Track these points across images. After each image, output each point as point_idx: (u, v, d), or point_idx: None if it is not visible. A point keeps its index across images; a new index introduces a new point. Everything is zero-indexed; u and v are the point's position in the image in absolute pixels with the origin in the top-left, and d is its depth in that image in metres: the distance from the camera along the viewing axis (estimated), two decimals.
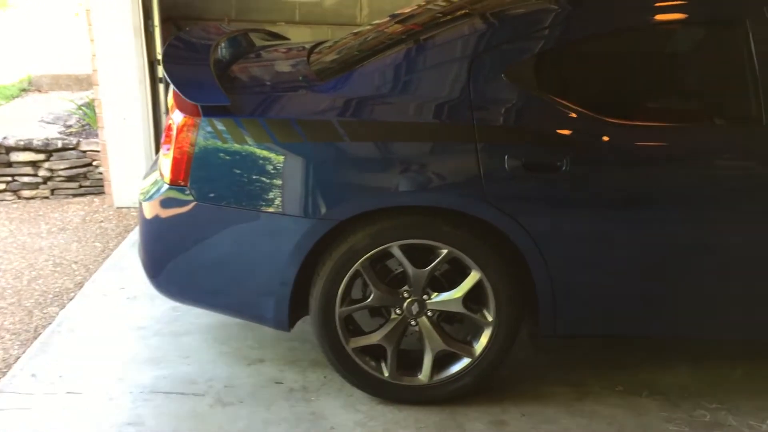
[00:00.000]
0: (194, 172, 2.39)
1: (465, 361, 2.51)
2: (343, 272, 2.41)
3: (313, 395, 2.62)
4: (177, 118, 2.42)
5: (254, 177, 2.34)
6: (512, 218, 2.32)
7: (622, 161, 2.33)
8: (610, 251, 2.38)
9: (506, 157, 2.28)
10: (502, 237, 2.37)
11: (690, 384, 2.73)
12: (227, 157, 2.36)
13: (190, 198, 2.40)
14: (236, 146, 2.34)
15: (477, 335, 2.51)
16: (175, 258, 2.56)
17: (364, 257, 2.39)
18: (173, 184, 2.42)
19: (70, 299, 3.34)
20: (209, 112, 2.37)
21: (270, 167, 2.33)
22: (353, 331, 2.55)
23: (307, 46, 3.10)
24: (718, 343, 2.93)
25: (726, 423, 2.51)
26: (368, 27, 3.06)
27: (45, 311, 3.26)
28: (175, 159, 2.40)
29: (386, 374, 2.52)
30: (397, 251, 2.39)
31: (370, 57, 2.50)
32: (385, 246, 2.38)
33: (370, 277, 2.43)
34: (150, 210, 2.51)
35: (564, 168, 2.28)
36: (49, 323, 3.12)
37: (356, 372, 2.53)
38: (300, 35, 4.64)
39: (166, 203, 2.45)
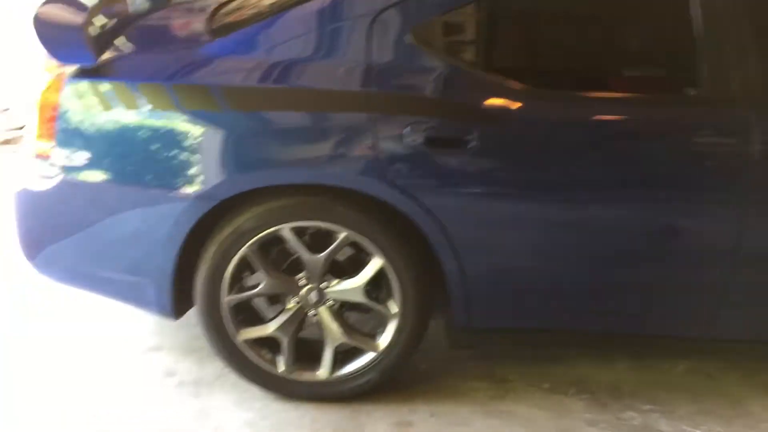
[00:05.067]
0: (60, 140, 2.12)
1: (369, 356, 2.27)
2: (229, 256, 2.15)
3: (205, 389, 2.38)
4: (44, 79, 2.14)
5: (119, 147, 2.08)
6: (414, 199, 2.05)
7: (535, 136, 2.04)
8: (522, 236, 2.11)
9: (406, 130, 2.00)
10: (406, 220, 2.10)
11: (625, 382, 2.47)
12: (92, 125, 2.09)
13: (56, 171, 2.14)
14: (102, 112, 2.07)
15: (382, 327, 2.25)
16: (50, 237, 2.30)
17: (252, 240, 2.13)
18: (39, 154, 2.15)
19: None
20: (77, 73, 2.09)
21: (139, 137, 2.06)
22: (248, 320, 2.29)
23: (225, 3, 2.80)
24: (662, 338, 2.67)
25: (656, 428, 2.26)
26: None
27: None
28: (39, 126, 2.13)
29: (281, 369, 2.27)
30: (288, 234, 2.13)
31: (266, 14, 2.21)
32: (275, 228, 2.12)
33: (260, 262, 2.17)
34: (16, 184, 2.24)
35: (471, 143, 2.00)
36: None
37: (246, 366, 2.29)
38: None
39: (30, 176, 2.19)
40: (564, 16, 2.22)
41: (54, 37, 2.09)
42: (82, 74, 2.11)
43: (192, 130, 2.05)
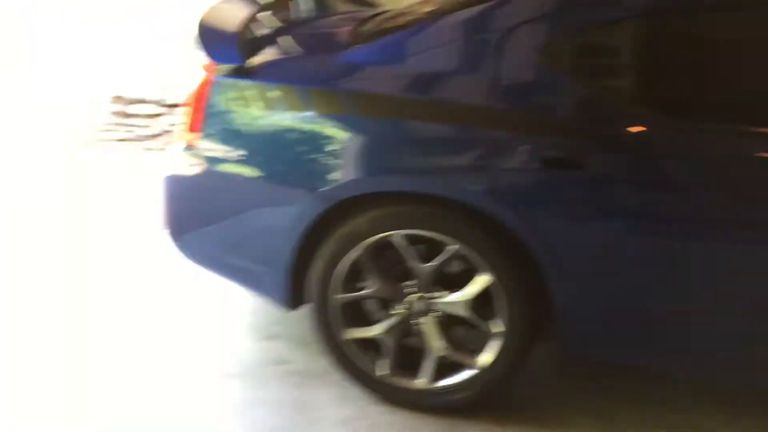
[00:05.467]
0: (206, 132, 2.31)
1: (469, 372, 2.26)
2: (342, 256, 2.24)
3: (309, 382, 2.48)
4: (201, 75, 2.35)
5: (255, 143, 2.23)
6: (526, 219, 2.03)
7: (663, 165, 1.94)
8: (637, 268, 2.00)
9: (524, 148, 1.98)
10: (517, 240, 2.08)
11: None
12: (234, 120, 2.26)
13: (201, 160, 2.33)
14: (243, 109, 2.24)
15: (484, 345, 2.24)
16: (191, 221, 2.51)
17: (364, 243, 2.20)
18: (188, 143, 2.36)
19: None
20: (227, 72, 2.28)
21: (272, 134, 2.21)
22: (356, 320, 2.36)
23: (381, 12, 2.91)
24: None
25: None
26: None
27: None
28: (190, 118, 2.34)
29: (382, 372, 2.32)
30: (400, 241, 2.18)
31: (404, 25, 2.29)
32: (387, 233, 2.17)
33: (370, 265, 2.23)
34: (167, 169, 2.47)
35: (590, 166, 1.95)
36: None
37: (350, 364, 2.36)
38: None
39: (179, 163, 2.40)
40: (704, 40, 2.07)
41: (210, 40, 2.29)
42: (232, 73, 2.29)
43: (318, 132, 2.16)
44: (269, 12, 2.74)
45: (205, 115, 2.30)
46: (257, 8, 2.53)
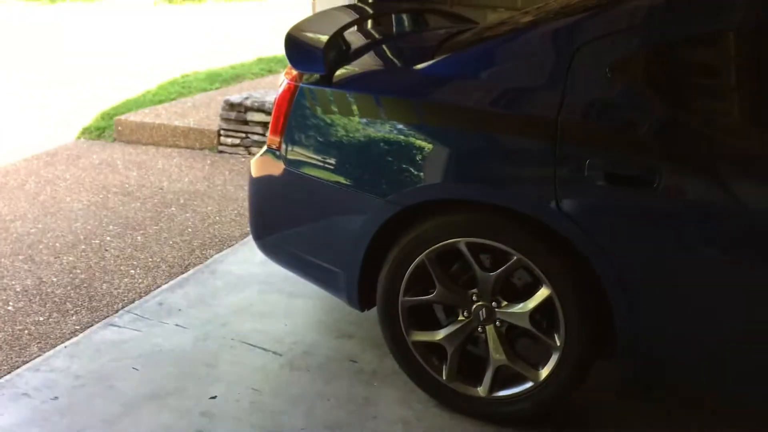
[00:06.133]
0: (287, 136, 2.46)
1: (528, 384, 2.26)
2: (409, 261, 2.30)
3: (377, 381, 2.56)
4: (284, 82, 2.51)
5: (332, 148, 2.35)
6: (587, 234, 2.02)
7: (732, 183, 1.88)
8: (702, 287, 1.95)
9: (588, 163, 1.98)
10: (579, 255, 2.07)
11: None
12: (313, 125, 2.39)
13: (281, 162, 2.48)
14: (322, 115, 2.37)
15: (545, 359, 2.24)
16: (272, 221, 2.66)
17: (430, 249, 2.26)
18: (270, 146, 2.52)
19: (229, 246, 3.65)
20: (310, 81, 2.42)
21: (347, 140, 2.32)
22: (422, 324, 2.42)
23: (470, 28, 2.97)
24: None
25: None
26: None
27: (204, 252, 3.60)
28: (273, 122, 2.49)
29: (443, 377, 2.37)
30: (464, 248, 2.22)
31: (476, 42, 2.34)
32: (452, 241, 2.22)
33: (435, 271, 2.29)
34: (253, 170, 2.64)
35: (657, 184, 1.92)
36: (200, 263, 3.44)
37: (413, 366, 2.42)
38: None
39: (263, 164, 2.57)
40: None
41: (296, 50, 2.43)
42: (315, 82, 2.41)
43: (389, 138, 2.25)
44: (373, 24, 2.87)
45: (287, 120, 2.44)
46: (350, 22, 2.65)
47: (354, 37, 2.84)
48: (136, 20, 12.04)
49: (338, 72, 2.42)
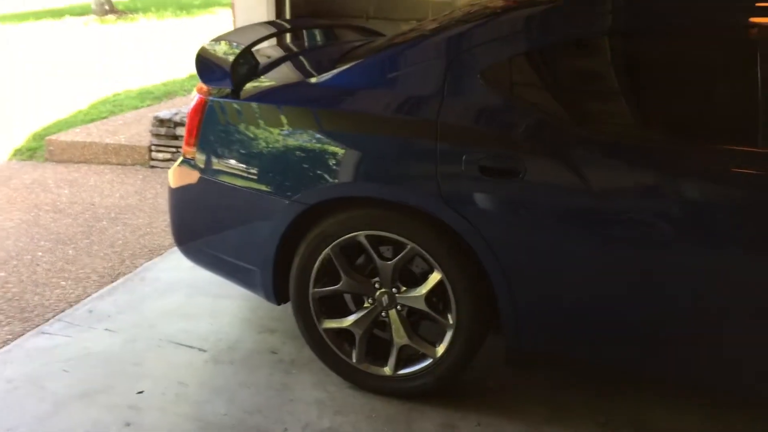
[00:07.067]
0: (200, 147, 2.66)
1: (428, 361, 2.51)
2: (315, 255, 2.53)
3: (295, 369, 2.77)
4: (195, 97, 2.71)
5: (241, 156, 2.56)
6: (468, 222, 2.27)
7: (587, 173, 2.16)
8: (569, 265, 2.21)
9: (464, 158, 2.24)
10: (463, 240, 2.32)
11: None
12: (223, 136, 2.60)
13: (197, 171, 2.68)
14: (231, 126, 2.58)
15: (441, 337, 2.48)
16: (190, 226, 2.86)
17: (334, 243, 2.49)
18: (186, 156, 2.72)
19: (159, 255, 3.81)
20: (220, 95, 2.63)
21: (255, 148, 2.53)
22: (331, 313, 2.64)
23: (374, 41, 3.22)
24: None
25: None
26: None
27: (135, 262, 3.76)
28: (186, 134, 2.69)
29: (353, 360, 2.59)
30: (363, 241, 2.46)
31: (368, 54, 2.58)
32: (352, 234, 2.46)
33: (340, 263, 2.52)
34: (171, 180, 2.84)
35: (523, 174, 2.18)
36: (130, 272, 3.60)
37: (326, 352, 2.64)
38: None
39: (180, 174, 2.76)
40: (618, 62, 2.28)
41: (205, 64, 2.65)
42: (224, 95, 2.62)
43: (292, 144, 2.47)
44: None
45: (199, 132, 2.64)
46: (261, 38, 2.87)
47: (272, 51, 3.08)
48: (67, 39, 12.01)
49: (247, 86, 2.64)
